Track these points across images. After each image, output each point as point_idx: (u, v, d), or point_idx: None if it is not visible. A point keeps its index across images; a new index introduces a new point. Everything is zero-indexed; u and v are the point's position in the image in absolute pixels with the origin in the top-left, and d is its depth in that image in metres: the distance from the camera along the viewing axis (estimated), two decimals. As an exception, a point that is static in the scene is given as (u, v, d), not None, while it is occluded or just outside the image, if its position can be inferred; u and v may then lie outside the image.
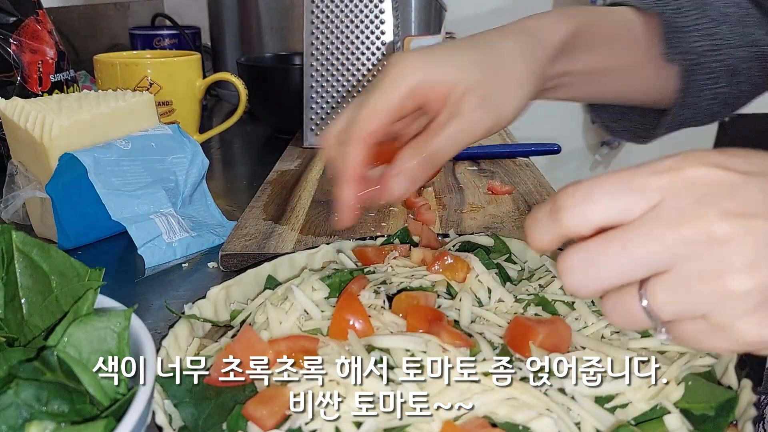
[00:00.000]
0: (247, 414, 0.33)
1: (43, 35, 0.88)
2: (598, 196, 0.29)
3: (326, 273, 0.47)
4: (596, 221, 0.29)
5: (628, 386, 0.34)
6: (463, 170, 0.84)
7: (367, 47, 0.92)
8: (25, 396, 0.29)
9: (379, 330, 0.39)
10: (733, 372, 0.35)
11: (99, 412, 0.31)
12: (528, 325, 0.38)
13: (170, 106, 0.93)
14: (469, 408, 0.33)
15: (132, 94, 0.68)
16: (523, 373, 0.36)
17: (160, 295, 0.56)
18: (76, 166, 0.59)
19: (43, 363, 0.31)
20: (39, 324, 0.35)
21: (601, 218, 0.29)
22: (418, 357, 0.36)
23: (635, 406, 0.33)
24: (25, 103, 0.63)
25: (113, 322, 0.33)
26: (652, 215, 0.28)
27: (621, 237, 0.28)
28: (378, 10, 0.91)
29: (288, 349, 0.37)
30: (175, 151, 0.67)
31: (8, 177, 0.65)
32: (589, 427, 0.32)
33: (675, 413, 0.33)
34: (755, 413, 0.32)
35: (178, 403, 0.35)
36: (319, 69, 0.92)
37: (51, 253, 0.36)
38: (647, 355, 0.37)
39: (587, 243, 0.29)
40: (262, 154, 1.03)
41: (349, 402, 0.33)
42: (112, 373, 0.32)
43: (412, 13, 1.33)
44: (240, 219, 0.67)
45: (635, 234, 0.28)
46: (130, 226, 0.60)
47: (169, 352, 0.39)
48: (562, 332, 0.38)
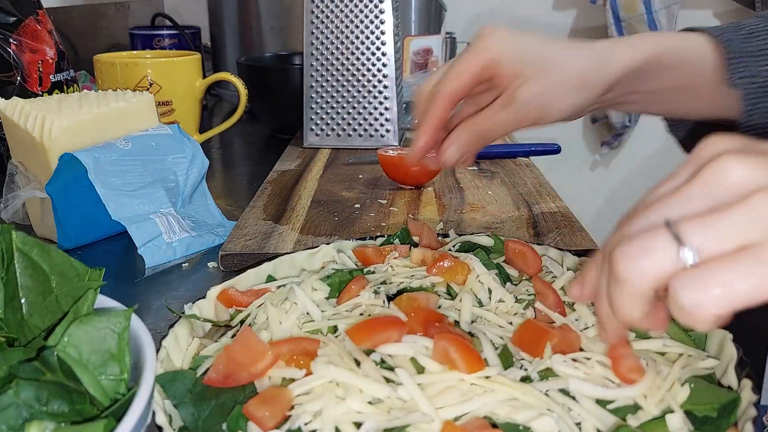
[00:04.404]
0: (249, 414, 0.33)
1: (43, 35, 0.87)
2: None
3: (326, 273, 0.47)
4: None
5: (640, 393, 0.34)
6: (463, 170, 0.84)
7: (367, 47, 0.92)
8: (25, 396, 0.29)
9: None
10: (733, 372, 0.35)
11: (99, 412, 0.31)
12: (543, 327, 0.38)
13: (170, 106, 0.92)
14: (469, 409, 0.33)
15: (132, 94, 0.68)
16: (527, 374, 0.36)
17: (160, 295, 0.55)
18: (76, 166, 0.59)
19: (43, 363, 0.31)
20: (39, 324, 0.35)
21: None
22: (419, 359, 0.36)
23: (645, 411, 0.33)
24: (25, 103, 0.63)
25: (113, 322, 0.33)
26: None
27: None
28: (378, 10, 0.91)
29: (289, 351, 0.37)
30: (175, 151, 0.67)
31: (8, 177, 0.65)
32: (589, 427, 0.32)
33: (678, 413, 0.33)
34: (755, 413, 0.32)
35: (178, 403, 0.35)
36: (319, 69, 0.92)
37: (51, 253, 0.36)
38: (648, 358, 0.37)
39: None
40: (262, 154, 1.03)
41: (349, 402, 0.33)
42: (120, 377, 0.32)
43: (412, 13, 1.33)
44: (240, 219, 0.67)
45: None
46: (130, 226, 0.60)
47: (169, 352, 0.39)
48: (572, 339, 0.38)
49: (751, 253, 0.26)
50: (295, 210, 0.70)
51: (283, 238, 0.62)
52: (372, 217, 0.68)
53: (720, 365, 0.37)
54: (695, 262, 0.27)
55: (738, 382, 0.35)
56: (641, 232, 0.29)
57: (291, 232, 0.64)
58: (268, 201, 0.73)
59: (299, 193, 0.76)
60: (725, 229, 0.27)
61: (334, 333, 0.40)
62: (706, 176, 0.29)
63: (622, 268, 0.29)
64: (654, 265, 0.28)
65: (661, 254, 0.28)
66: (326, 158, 0.90)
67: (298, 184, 0.79)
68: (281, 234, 0.63)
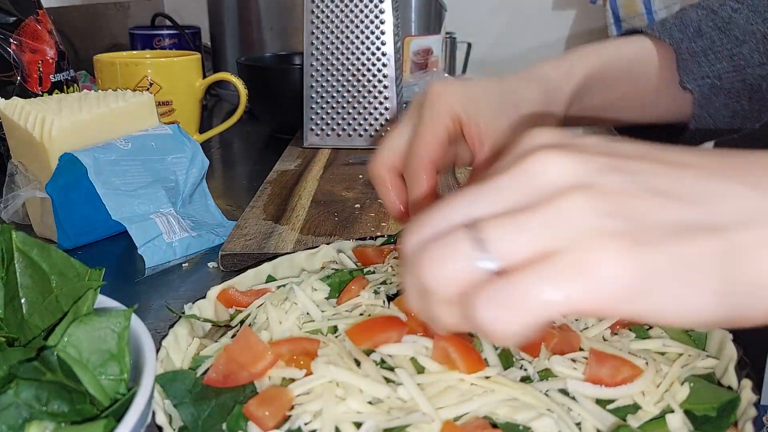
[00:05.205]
0: (249, 414, 0.33)
1: (43, 35, 0.87)
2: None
3: (326, 273, 0.47)
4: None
5: (638, 391, 0.34)
6: (463, 170, 0.84)
7: (367, 47, 0.92)
8: (25, 396, 0.29)
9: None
10: (733, 372, 0.35)
11: (99, 412, 0.31)
12: (542, 328, 0.38)
13: (170, 106, 0.92)
14: (469, 409, 0.33)
15: (132, 94, 0.68)
16: (526, 374, 0.36)
17: (160, 295, 0.55)
18: (76, 166, 0.59)
19: (43, 363, 0.31)
20: (39, 324, 0.35)
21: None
22: (419, 359, 0.36)
23: (645, 411, 0.33)
24: (25, 103, 0.63)
25: (113, 322, 0.33)
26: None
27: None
28: (378, 10, 0.91)
29: (289, 351, 0.37)
30: (175, 150, 0.67)
31: (8, 177, 0.65)
32: (589, 427, 0.32)
33: (678, 413, 0.33)
34: (755, 413, 0.32)
35: (178, 404, 0.35)
36: (319, 69, 0.92)
37: (51, 253, 0.36)
38: (648, 357, 0.37)
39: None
40: (262, 154, 1.03)
41: (349, 402, 0.33)
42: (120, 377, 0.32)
43: (412, 13, 1.33)
44: (240, 219, 0.67)
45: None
46: (130, 226, 0.60)
47: (169, 352, 0.39)
48: (572, 339, 0.38)
49: (551, 263, 0.24)
50: (295, 210, 0.70)
51: (283, 238, 0.62)
52: (372, 217, 0.68)
53: (720, 365, 0.37)
54: (496, 268, 0.25)
55: (738, 382, 0.35)
56: (443, 234, 0.26)
57: (291, 232, 0.64)
58: (268, 201, 0.73)
59: (299, 193, 0.76)
60: (527, 233, 0.24)
61: (334, 333, 0.40)
62: (518, 171, 0.26)
63: (424, 275, 0.26)
64: (455, 273, 0.25)
65: (461, 260, 0.25)
66: (326, 158, 0.90)
67: (298, 184, 0.79)
68: (281, 234, 0.63)
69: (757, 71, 0.56)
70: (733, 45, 0.56)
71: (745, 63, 0.56)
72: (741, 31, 0.56)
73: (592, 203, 0.24)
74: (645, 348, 0.38)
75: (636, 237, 0.24)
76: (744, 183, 0.25)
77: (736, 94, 0.57)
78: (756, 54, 0.56)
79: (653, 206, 0.25)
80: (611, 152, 0.27)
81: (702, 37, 0.56)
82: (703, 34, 0.56)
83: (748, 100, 0.57)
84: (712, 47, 0.56)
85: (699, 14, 0.58)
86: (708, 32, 0.56)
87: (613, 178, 0.25)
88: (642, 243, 0.24)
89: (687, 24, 0.57)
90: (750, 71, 0.56)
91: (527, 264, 0.24)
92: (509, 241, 0.25)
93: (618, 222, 0.24)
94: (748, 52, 0.56)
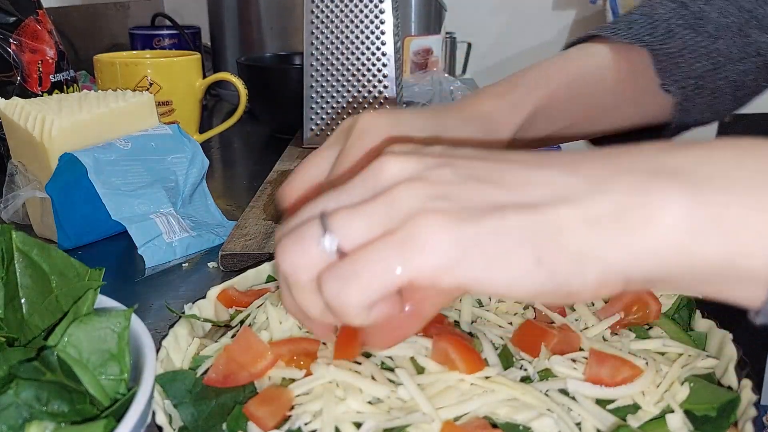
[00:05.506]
0: (249, 413, 0.33)
1: (43, 35, 0.88)
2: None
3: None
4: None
5: (638, 391, 0.34)
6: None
7: (367, 47, 0.91)
8: (25, 396, 0.29)
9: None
10: (733, 372, 0.35)
11: (99, 412, 0.31)
12: (542, 328, 0.38)
13: (170, 106, 0.92)
14: (469, 409, 0.33)
15: (132, 94, 0.68)
16: (526, 374, 0.36)
17: (160, 295, 0.55)
18: (76, 166, 0.59)
19: (43, 363, 0.31)
20: (39, 324, 0.35)
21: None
22: (419, 359, 0.36)
23: (645, 411, 0.33)
24: (25, 103, 0.63)
25: (113, 322, 0.33)
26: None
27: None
28: (378, 10, 0.91)
29: (290, 352, 0.37)
30: (175, 151, 0.67)
31: (8, 177, 0.65)
32: (589, 427, 0.32)
33: (678, 413, 0.33)
34: (755, 413, 0.32)
35: (178, 404, 0.35)
36: (319, 69, 0.92)
37: (51, 253, 0.36)
38: (648, 357, 0.37)
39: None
40: (262, 154, 1.03)
41: (349, 402, 0.33)
42: (120, 377, 0.32)
43: (412, 13, 1.33)
44: (240, 219, 0.67)
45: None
46: (130, 226, 0.60)
47: (169, 352, 0.39)
48: (572, 339, 0.38)
49: (384, 240, 0.28)
50: (295, 210, 0.70)
51: (283, 238, 0.62)
52: (372, 217, 0.68)
53: (720, 365, 0.37)
54: (337, 249, 0.28)
55: (738, 382, 0.35)
56: (299, 225, 0.30)
57: (291, 232, 0.63)
58: (268, 201, 0.73)
59: (299, 193, 0.75)
60: (366, 218, 0.28)
61: (334, 333, 0.40)
62: (366, 172, 0.30)
63: (279, 261, 0.30)
64: (304, 256, 0.29)
65: (308, 244, 0.29)
66: (326, 158, 0.90)
67: (298, 184, 0.79)
68: (281, 234, 0.63)
69: (738, 66, 0.54)
70: (708, 43, 0.53)
71: (725, 59, 0.53)
72: (714, 26, 0.53)
73: (420, 190, 0.28)
74: (645, 348, 0.38)
75: (456, 215, 0.27)
76: (562, 170, 0.29)
77: (720, 94, 0.55)
78: (734, 48, 0.53)
79: (472, 191, 0.28)
80: (445, 154, 0.31)
81: (673, 38, 0.52)
82: (674, 34, 0.53)
83: (732, 98, 0.55)
84: (686, 47, 0.53)
85: (668, 9, 0.54)
86: (679, 31, 0.53)
87: (441, 171, 0.29)
88: (461, 219, 0.27)
89: (656, 24, 0.53)
90: (731, 67, 0.54)
91: (364, 245, 0.28)
92: (348, 224, 0.29)
93: (441, 203, 0.28)
94: (725, 48, 0.53)
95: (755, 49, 0.54)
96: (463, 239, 0.27)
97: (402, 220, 0.28)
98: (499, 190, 0.28)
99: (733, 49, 0.53)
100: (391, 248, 0.27)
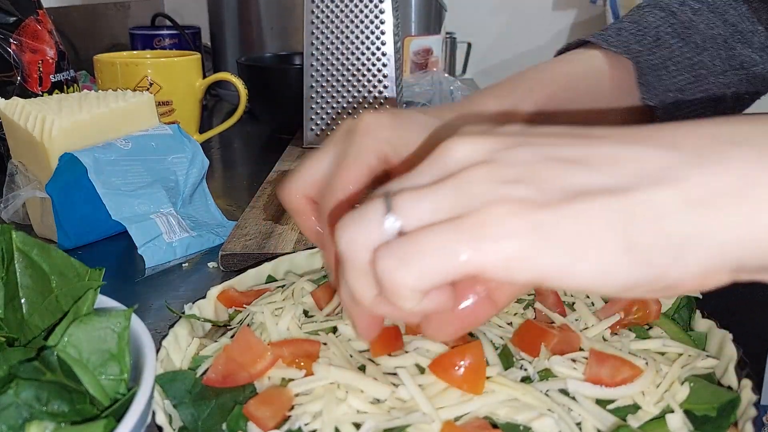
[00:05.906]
0: (249, 414, 0.33)
1: (43, 35, 0.88)
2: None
3: (324, 273, 0.47)
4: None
5: (638, 391, 0.34)
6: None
7: (367, 47, 0.91)
8: (25, 396, 0.29)
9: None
10: (733, 372, 0.35)
11: (99, 412, 0.31)
12: (542, 328, 0.38)
13: (170, 106, 0.92)
14: (469, 409, 0.33)
15: (132, 94, 0.68)
16: (527, 374, 0.36)
17: (160, 295, 0.55)
18: (76, 166, 0.59)
19: (43, 363, 0.31)
20: (39, 324, 0.35)
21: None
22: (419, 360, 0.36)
23: (645, 411, 0.33)
24: (25, 103, 0.63)
25: (113, 322, 0.33)
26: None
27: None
28: (378, 10, 0.91)
29: (291, 354, 0.37)
30: (175, 151, 0.67)
31: (8, 177, 0.65)
32: (589, 427, 0.32)
33: (678, 413, 0.33)
34: (755, 413, 0.32)
35: (177, 404, 0.35)
36: (319, 69, 0.92)
37: (51, 253, 0.36)
38: (648, 357, 0.37)
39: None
40: (262, 154, 1.03)
41: (350, 402, 0.33)
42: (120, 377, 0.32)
43: (412, 13, 1.33)
44: (240, 219, 0.67)
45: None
46: (130, 226, 0.60)
47: (169, 352, 0.39)
48: (572, 339, 0.38)
49: (451, 223, 0.25)
50: (295, 210, 0.70)
51: (283, 238, 0.62)
52: (372, 217, 0.68)
53: (720, 365, 0.37)
54: (399, 229, 0.26)
55: (738, 382, 0.35)
56: (365, 206, 0.28)
57: (291, 232, 0.63)
58: (268, 201, 0.72)
59: (299, 193, 0.75)
60: (432, 200, 0.26)
61: (334, 333, 0.40)
62: (433, 156, 0.28)
63: (337, 239, 0.28)
64: (362, 234, 0.27)
65: (369, 222, 0.27)
66: (326, 158, 0.90)
67: (298, 184, 0.79)
68: (281, 234, 0.63)
69: (720, 79, 0.53)
70: (693, 54, 0.53)
71: (707, 71, 0.53)
72: (701, 37, 0.53)
73: (494, 173, 0.26)
74: (645, 348, 0.38)
75: (535, 200, 0.25)
76: (655, 144, 0.26)
77: (700, 105, 0.54)
78: (718, 61, 0.53)
79: (553, 173, 0.26)
80: (521, 133, 0.28)
81: (661, 47, 0.52)
82: (662, 42, 0.52)
83: (713, 111, 0.55)
84: (672, 57, 0.52)
85: (657, 17, 0.54)
86: (667, 40, 0.52)
87: (517, 151, 0.27)
88: (540, 205, 0.25)
89: (645, 32, 0.53)
90: (713, 80, 0.53)
91: (428, 226, 0.26)
92: (413, 204, 0.26)
93: (518, 188, 0.25)
94: (709, 60, 0.53)
95: (739, 62, 0.54)
96: (541, 226, 0.24)
97: (472, 205, 0.25)
98: (584, 170, 0.25)
99: (716, 62, 0.53)
100: (460, 233, 0.25)
